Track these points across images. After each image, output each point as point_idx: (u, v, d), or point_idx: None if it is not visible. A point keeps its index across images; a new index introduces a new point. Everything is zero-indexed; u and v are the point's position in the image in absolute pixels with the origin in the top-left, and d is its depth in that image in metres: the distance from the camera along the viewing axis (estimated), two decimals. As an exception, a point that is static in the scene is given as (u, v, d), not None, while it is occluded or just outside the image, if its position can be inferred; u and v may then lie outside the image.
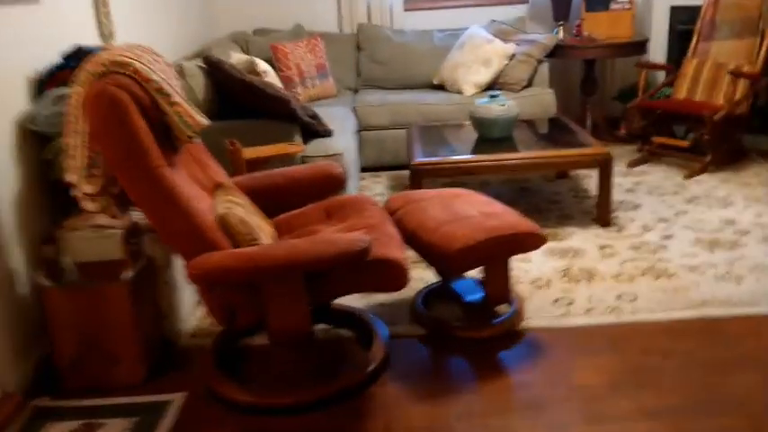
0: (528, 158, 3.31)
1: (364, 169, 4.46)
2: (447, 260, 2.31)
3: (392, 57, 4.85)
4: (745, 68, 4.09)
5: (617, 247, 3.12)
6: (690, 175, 4.03)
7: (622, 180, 4.03)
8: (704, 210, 3.52)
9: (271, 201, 2.49)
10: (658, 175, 4.12)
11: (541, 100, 4.41)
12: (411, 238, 2.43)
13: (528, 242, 2.42)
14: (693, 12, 4.82)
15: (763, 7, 4.10)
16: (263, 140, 2.98)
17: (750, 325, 2.45)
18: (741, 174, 4.06)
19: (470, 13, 5.23)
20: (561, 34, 4.84)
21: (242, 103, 3.21)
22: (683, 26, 4.92)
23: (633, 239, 3.20)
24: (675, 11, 4.94)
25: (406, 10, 5.18)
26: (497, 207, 2.58)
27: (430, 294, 2.73)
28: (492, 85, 4.53)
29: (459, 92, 4.51)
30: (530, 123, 4.02)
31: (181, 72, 3.08)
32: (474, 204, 2.59)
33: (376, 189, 4.14)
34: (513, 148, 3.48)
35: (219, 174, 2.40)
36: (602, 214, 3.35)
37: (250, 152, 2.83)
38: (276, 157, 2.90)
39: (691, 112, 4.09)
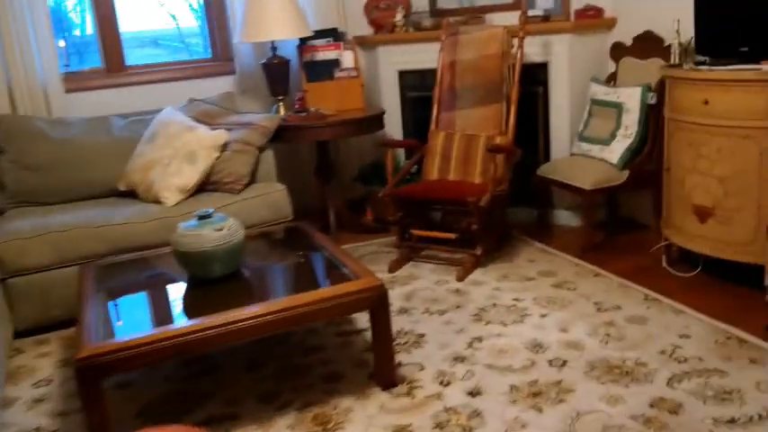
0: (269, 314, 2.18)
1: (20, 334, 2.95)
2: None
3: (52, 158, 3.40)
4: (498, 140, 3.54)
5: (416, 429, 2.14)
6: (463, 275, 3.29)
7: (390, 292, 3.14)
8: (499, 330, 2.75)
9: None
10: (429, 279, 3.32)
11: (272, 200, 3.37)
12: None
13: None
14: (423, 76, 4.24)
15: (504, 69, 3.60)
16: None
17: None
18: (516, 262, 3.45)
19: (161, 90, 4.03)
20: (282, 111, 3.88)
21: None
22: (414, 93, 4.32)
23: (433, 407, 2.24)
24: (404, 76, 4.33)
25: (67, 91, 3.78)
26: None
27: None
28: (203, 187, 3.37)
29: (158, 201, 3.26)
30: (261, 241, 2.93)
31: None
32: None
33: (41, 369, 2.68)
34: (244, 297, 2.35)
35: None
36: (383, 373, 2.36)
37: None
38: None
39: (452, 199, 3.38)
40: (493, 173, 3.27)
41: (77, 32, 4.37)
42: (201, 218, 2.46)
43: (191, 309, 2.32)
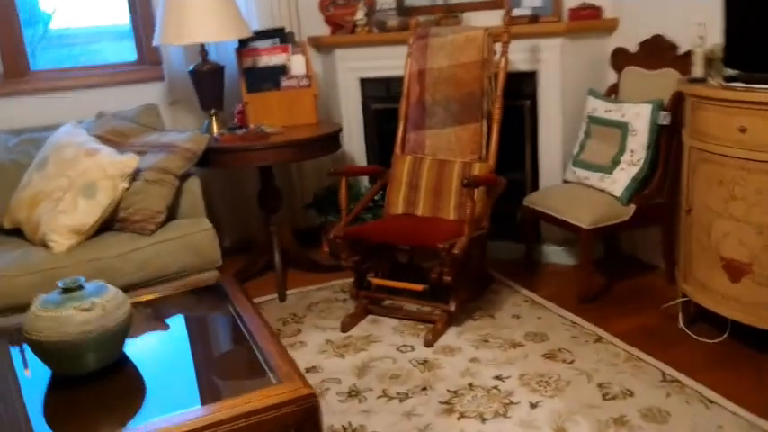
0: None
1: None
2: None
3: None
4: (477, 168, 2.89)
5: None
6: (433, 339, 2.64)
7: (337, 364, 2.49)
8: (477, 427, 2.10)
9: None
10: (390, 343, 2.66)
11: (194, 242, 2.68)
12: None
13: None
14: (389, 85, 3.58)
15: (485, 80, 2.95)
16: None
17: None
18: (498, 318, 2.81)
19: (73, 100, 3.33)
20: (215, 128, 3.19)
21: None
22: (379, 104, 3.66)
23: None
24: (367, 85, 3.66)
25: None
26: None
27: None
28: (110, 225, 2.68)
29: (45, 245, 2.56)
30: (161, 310, 2.23)
31: None
32: None
33: None
34: (116, 409, 1.66)
35: None
36: None
37: None
38: None
39: (419, 244, 2.72)
40: (470, 209, 2.62)
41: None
42: (66, 290, 1.77)
43: (51, 417, 1.63)
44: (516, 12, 3.28)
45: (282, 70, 3.33)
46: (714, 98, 2.31)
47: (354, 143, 3.69)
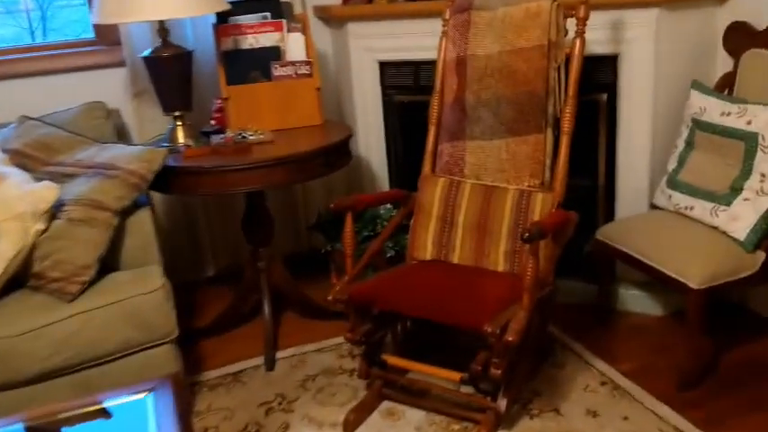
0: None
1: None
2: None
3: None
4: (539, 201, 2.03)
5: None
6: (474, 453, 1.84)
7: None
8: None
9: None
10: (409, 456, 1.87)
11: (137, 311, 1.89)
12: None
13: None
14: (418, 71, 2.73)
15: (551, 72, 2.08)
16: None
17: None
18: (566, 414, 1.97)
19: (11, 90, 2.56)
20: (181, 137, 2.37)
21: None
22: (404, 96, 2.80)
23: None
24: (389, 71, 2.80)
25: None
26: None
27: None
28: (22, 281, 1.91)
29: (-77, 316, 1.81)
30: None
31: None
32: None
33: None
34: None
35: None
36: None
37: None
38: None
39: (453, 321, 1.87)
40: (532, 270, 1.77)
41: None
42: None
43: None
44: (593, -28, 2.38)
45: (275, 54, 2.49)
46: None
47: (373, 150, 2.85)
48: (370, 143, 2.85)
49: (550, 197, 2.03)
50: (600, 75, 2.47)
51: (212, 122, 2.49)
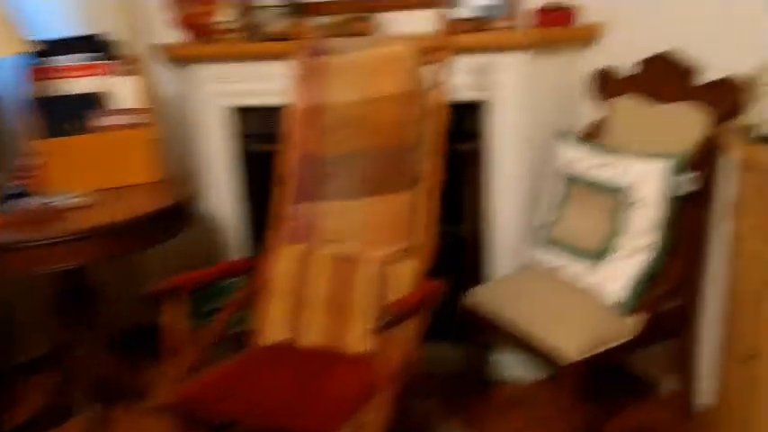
0: None
1: None
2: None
3: None
4: (407, 270, 1.79)
5: None
6: None
7: None
8: None
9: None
10: None
11: None
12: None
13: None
14: (277, 117, 2.45)
15: (414, 123, 1.86)
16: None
17: None
18: None
19: None
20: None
21: None
22: (261, 145, 2.51)
23: None
24: (244, 117, 2.51)
25: None
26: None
27: None
28: None
29: None
30: None
31: None
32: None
33: None
34: None
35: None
36: None
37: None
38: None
39: (292, 429, 1.57)
40: (393, 358, 1.52)
41: None
42: None
43: None
44: (456, 13, 2.21)
45: (97, 100, 2.14)
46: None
47: (226, 208, 2.54)
48: (222, 201, 2.53)
49: (417, 265, 1.80)
50: (469, 122, 2.30)
51: (15, 184, 2.08)
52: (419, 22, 2.18)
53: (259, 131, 2.49)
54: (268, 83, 2.34)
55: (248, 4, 2.46)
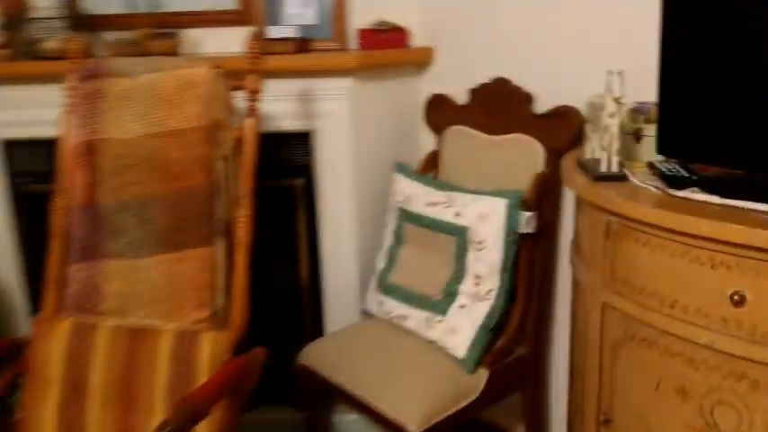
0: None
1: None
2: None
3: None
4: (212, 344, 1.45)
5: None
6: None
7: None
8: None
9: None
10: None
11: None
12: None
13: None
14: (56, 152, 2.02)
15: (218, 162, 1.54)
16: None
17: None
18: None
19: None
20: None
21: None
22: (40, 185, 2.05)
23: None
24: (16, 153, 2.05)
25: None
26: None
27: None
28: None
29: None
30: None
31: None
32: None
33: None
34: None
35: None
36: None
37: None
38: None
39: None
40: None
41: None
42: None
43: None
44: (273, 32, 1.93)
45: None
46: (664, 228, 1.14)
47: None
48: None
49: (224, 336, 1.46)
50: (294, 155, 2.02)
51: None
52: (234, 41, 1.87)
53: (37, 169, 2.04)
54: (44, 110, 1.91)
55: (19, 15, 2.01)
